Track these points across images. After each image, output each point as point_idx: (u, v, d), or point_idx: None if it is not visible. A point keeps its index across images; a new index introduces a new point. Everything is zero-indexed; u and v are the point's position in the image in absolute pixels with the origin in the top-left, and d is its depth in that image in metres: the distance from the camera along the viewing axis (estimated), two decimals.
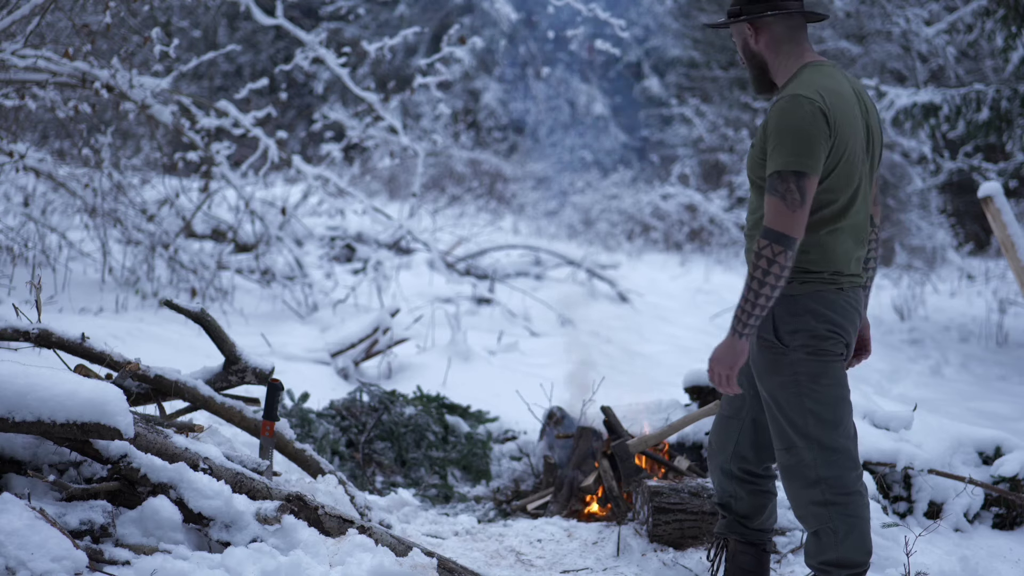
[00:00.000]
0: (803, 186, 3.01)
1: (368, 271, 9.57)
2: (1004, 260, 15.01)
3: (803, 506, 3.19)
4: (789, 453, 3.18)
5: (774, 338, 3.15)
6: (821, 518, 3.16)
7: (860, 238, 3.18)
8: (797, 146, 3.02)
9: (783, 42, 3.20)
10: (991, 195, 5.56)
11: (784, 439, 3.19)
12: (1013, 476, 4.33)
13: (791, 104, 3.05)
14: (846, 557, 3.16)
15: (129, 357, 3.93)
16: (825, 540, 3.17)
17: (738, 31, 3.26)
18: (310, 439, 4.94)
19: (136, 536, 3.18)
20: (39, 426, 3.09)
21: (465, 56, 10.83)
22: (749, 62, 3.26)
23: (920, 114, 10.64)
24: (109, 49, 7.89)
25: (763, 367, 3.19)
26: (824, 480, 3.14)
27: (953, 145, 16.99)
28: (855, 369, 9.19)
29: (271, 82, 14.24)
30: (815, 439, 3.14)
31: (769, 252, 3.02)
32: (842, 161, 3.09)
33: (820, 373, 3.14)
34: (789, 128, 3.03)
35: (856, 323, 3.19)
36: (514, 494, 5.07)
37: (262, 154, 8.78)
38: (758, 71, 3.26)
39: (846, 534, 3.15)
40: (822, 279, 3.13)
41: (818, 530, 3.18)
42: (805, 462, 3.15)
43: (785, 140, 3.03)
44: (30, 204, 8.52)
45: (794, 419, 3.16)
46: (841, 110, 3.08)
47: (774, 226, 3.02)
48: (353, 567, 3.23)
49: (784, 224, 3.00)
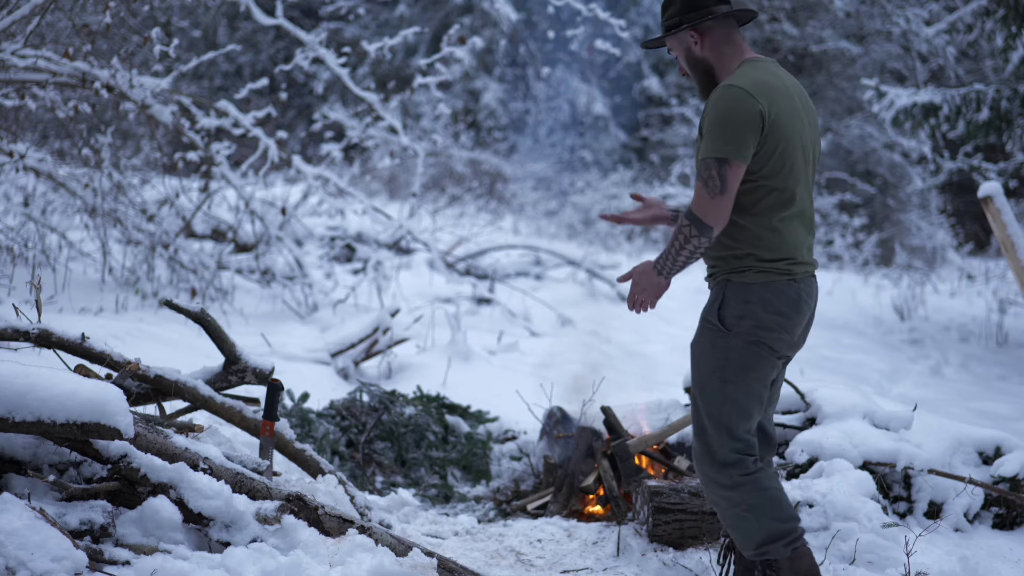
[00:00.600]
0: (724, 173, 3.10)
1: (368, 271, 9.57)
2: (1004, 260, 15.01)
3: (714, 492, 3.26)
4: (699, 440, 3.27)
5: (717, 320, 3.23)
6: (732, 501, 3.23)
7: (809, 226, 3.28)
8: (723, 133, 3.10)
9: (724, 43, 3.27)
10: (991, 195, 5.56)
11: (699, 424, 3.28)
12: (1013, 476, 4.33)
13: (721, 93, 3.13)
14: (773, 528, 3.21)
15: (129, 357, 3.93)
16: (748, 524, 3.22)
17: (679, 42, 3.30)
18: (310, 439, 4.94)
19: (136, 536, 3.18)
20: (39, 426, 3.09)
21: (465, 56, 10.82)
22: (695, 70, 3.31)
23: (920, 114, 10.64)
24: (109, 49, 7.88)
25: (700, 349, 3.27)
26: (728, 465, 3.22)
27: (953, 145, 16.98)
28: (855, 369, 9.18)
29: (271, 82, 14.25)
30: (726, 427, 3.22)
31: (687, 231, 3.14)
32: (781, 150, 3.15)
33: (751, 366, 3.22)
34: (718, 117, 3.12)
35: (806, 314, 3.27)
36: (514, 494, 5.07)
37: (262, 154, 8.78)
38: (705, 76, 3.30)
39: (762, 508, 3.22)
40: (777, 269, 3.21)
41: (733, 518, 3.24)
42: (713, 448, 3.23)
43: (713, 128, 3.12)
44: (30, 204, 8.52)
45: (711, 404, 3.23)
46: (777, 100, 3.15)
47: (695, 211, 3.13)
48: (353, 567, 3.23)
49: (703, 210, 3.11)
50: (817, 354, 9.47)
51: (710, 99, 3.16)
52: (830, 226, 17.97)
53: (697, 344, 3.29)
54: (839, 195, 18.40)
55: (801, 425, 4.51)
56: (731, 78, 3.17)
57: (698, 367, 3.27)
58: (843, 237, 17.72)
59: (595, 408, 4.89)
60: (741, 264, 3.24)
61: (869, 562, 3.78)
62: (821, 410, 4.48)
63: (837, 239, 17.58)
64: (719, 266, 3.28)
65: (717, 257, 3.28)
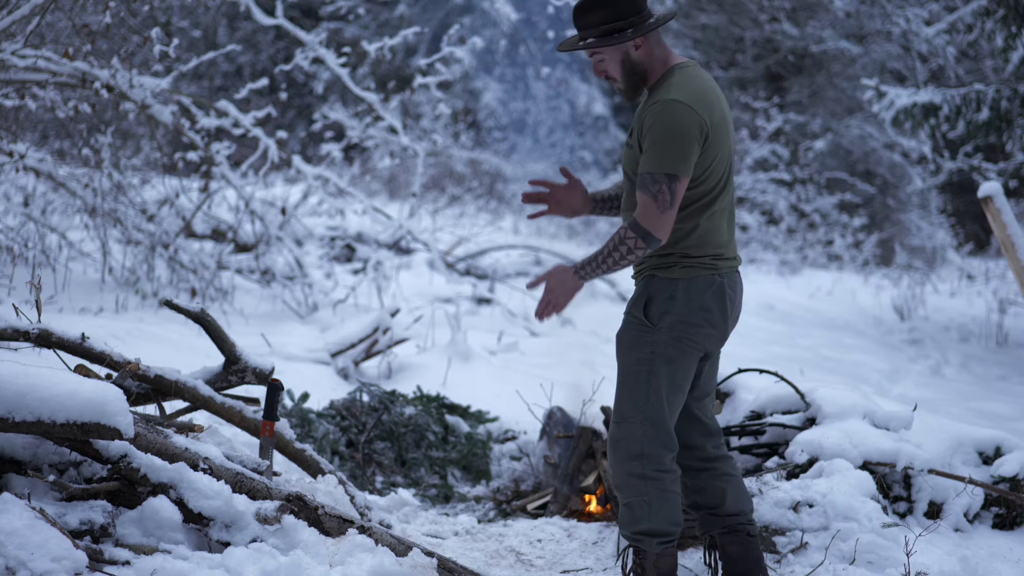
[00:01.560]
0: (674, 188, 3.22)
1: (368, 271, 9.56)
2: (1004, 260, 15.00)
3: (622, 476, 3.36)
4: (620, 426, 3.36)
5: (643, 316, 3.34)
6: (638, 490, 3.34)
7: (732, 221, 3.41)
8: (671, 150, 3.20)
9: (656, 47, 3.33)
10: (991, 195, 5.56)
11: (620, 412, 3.36)
12: (1013, 476, 4.33)
13: (668, 109, 3.21)
14: (658, 528, 3.36)
15: (129, 357, 3.93)
16: (639, 512, 3.35)
17: (617, 48, 3.31)
18: (310, 439, 4.94)
19: (136, 536, 3.18)
20: (39, 426, 3.09)
21: (465, 56, 10.83)
22: (629, 74, 3.33)
23: (920, 114, 10.64)
24: (109, 49, 7.88)
25: (625, 342, 3.37)
26: (647, 455, 3.32)
27: (953, 145, 16.99)
28: (855, 369, 9.18)
29: (271, 82, 14.24)
30: (649, 417, 3.32)
31: (631, 243, 3.24)
32: (716, 157, 3.29)
33: (676, 358, 3.33)
34: (665, 133, 3.21)
35: (732, 308, 3.38)
36: (514, 494, 5.07)
37: (262, 154, 8.78)
38: (638, 81, 3.35)
39: (659, 507, 3.35)
40: (703, 264, 3.33)
41: (631, 502, 3.36)
42: (634, 436, 3.33)
43: (660, 143, 3.21)
44: (30, 204, 8.51)
45: (637, 395, 3.33)
46: (713, 110, 3.28)
47: (643, 223, 3.23)
48: (353, 567, 3.23)
49: (652, 223, 3.22)
50: (817, 354, 9.47)
51: (655, 113, 3.23)
52: (830, 226, 17.96)
53: (623, 337, 3.38)
54: (839, 195, 18.40)
55: (801, 425, 4.51)
56: (673, 90, 3.24)
57: (624, 359, 3.37)
58: (843, 237, 17.72)
59: (595, 408, 4.89)
60: (667, 260, 3.35)
61: (869, 562, 3.79)
62: (821, 410, 4.47)
63: (837, 239, 17.57)
64: (645, 262, 3.39)
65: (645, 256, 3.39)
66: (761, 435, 4.58)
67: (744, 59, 19.92)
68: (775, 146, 18.28)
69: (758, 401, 4.66)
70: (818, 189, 18.54)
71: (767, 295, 12.50)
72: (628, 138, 3.39)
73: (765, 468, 4.34)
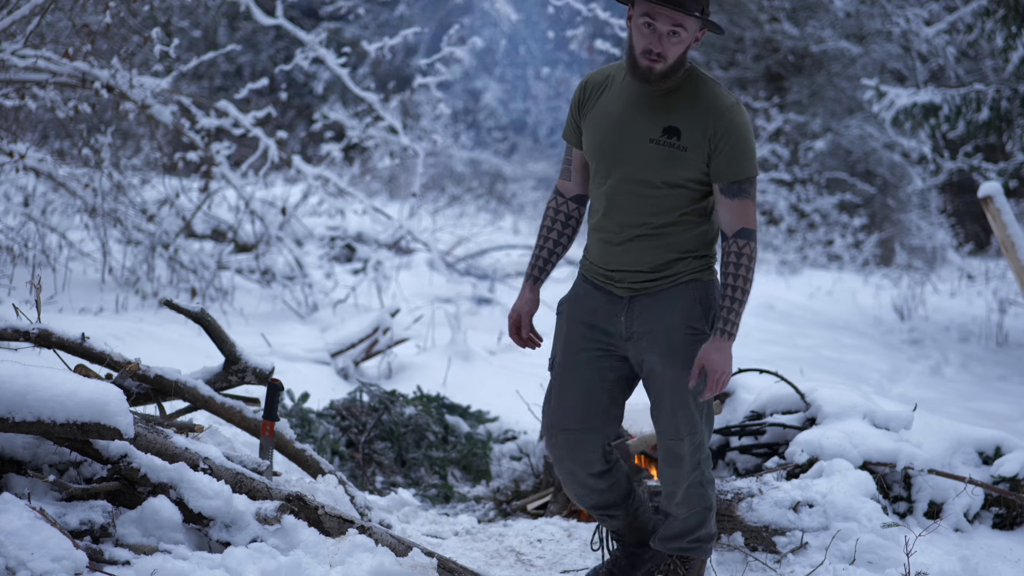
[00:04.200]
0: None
1: (368, 271, 9.56)
2: (1004, 260, 15.00)
3: (686, 491, 3.32)
4: (683, 442, 3.26)
5: (704, 326, 3.22)
6: (702, 498, 3.34)
7: None
8: (755, 152, 3.18)
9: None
10: (991, 195, 5.56)
11: (685, 427, 3.25)
12: (1013, 476, 4.33)
13: (742, 111, 3.14)
14: (711, 531, 3.41)
15: (129, 357, 3.93)
16: (699, 518, 3.36)
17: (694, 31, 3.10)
18: (310, 439, 4.94)
19: (136, 536, 3.18)
20: (39, 426, 3.09)
21: (465, 56, 10.82)
22: (681, 61, 3.11)
23: (920, 114, 10.64)
24: (109, 49, 7.88)
25: (684, 355, 3.19)
26: (703, 462, 3.32)
27: (953, 145, 16.98)
28: (855, 369, 9.17)
29: (271, 82, 14.22)
30: (707, 424, 3.30)
31: (751, 249, 3.13)
32: None
33: None
34: (749, 135, 3.13)
35: None
36: (514, 494, 5.07)
37: (262, 154, 8.78)
38: (673, 70, 3.11)
39: (714, 509, 3.41)
40: (713, 264, 3.31)
41: (692, 512, 3.35)
42: (695, 446, 3.27)
43: (748, 146, 3.12)
44: (30, 204, 8.51)
45: (700, 406, 3.25)
46: None
47: (755, 227, 3.16)
48: (353, 567, 3.23)
49: (757, 224, 3.31)
50: (817, 354, 9.47)
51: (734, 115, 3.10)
52: (830, 226, 17.96)
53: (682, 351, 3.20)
54: (839, 195, 18.40)
55: (801, 425, 4.51)
56: (726, 93, 3.14)
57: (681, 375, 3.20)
58: (843, 237, 17.72)
59: None
60: (704, 263, 3.27)
61: (869, 562, 3.79)
62: (821, 410, 4.47)
63: (837, 239, 17.57)
64: (681, 269, 3.23)
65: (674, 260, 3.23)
66: (761, 435, 4.58)
67: (744, 59, 19.91)
68: (775, 146, 18.28)
69: (758, 401, 4.67)
70: (818, 189, 18.54)
71: (767, 295, 12.49)
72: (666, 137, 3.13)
73: (765, 468, 4.34)
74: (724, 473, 4.65)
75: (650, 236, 3.21)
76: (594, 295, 3.32)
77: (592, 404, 3.33)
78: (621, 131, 3.18)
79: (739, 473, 4.59)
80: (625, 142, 3.17)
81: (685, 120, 3.12)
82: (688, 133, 3.12)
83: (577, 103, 3.29)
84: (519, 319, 3.40)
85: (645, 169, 3.16)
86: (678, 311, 3.21)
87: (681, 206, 3.18)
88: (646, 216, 3.19)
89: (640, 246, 3.22)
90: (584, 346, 3.32)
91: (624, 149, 3.18)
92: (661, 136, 3.13)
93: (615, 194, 3.21)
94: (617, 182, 3.20)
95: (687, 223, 3.21)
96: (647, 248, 3.22)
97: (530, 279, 3.42)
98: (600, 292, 3.31)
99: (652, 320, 3.23)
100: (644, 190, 3.17)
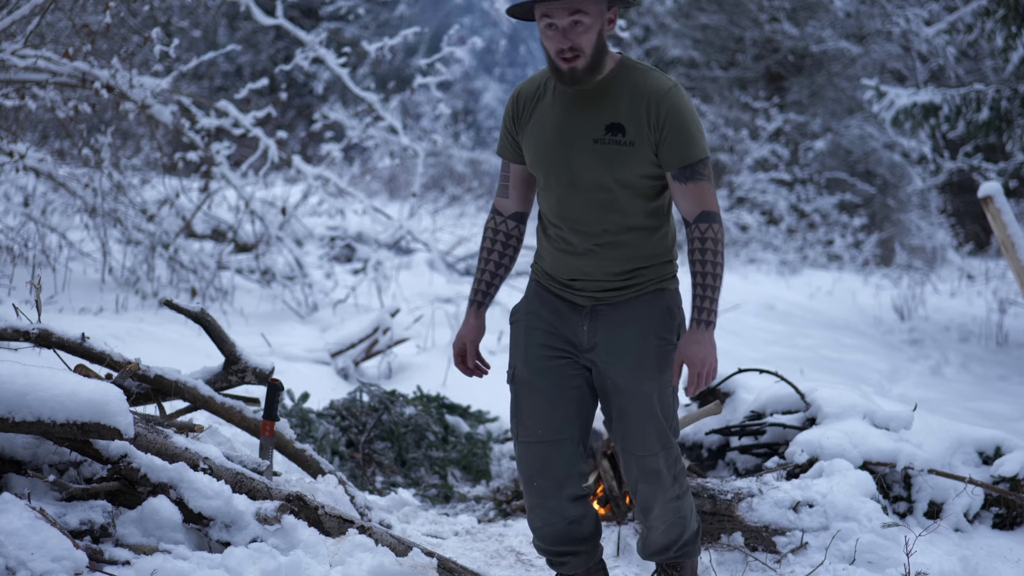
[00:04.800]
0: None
1: (368, 271, 9.56)
2: (1004, 260, 15.00)
3: (662, 505, 3.20)
4: (658, 457, 3.12)
5: (674, 335, 3.11)
6: (676, 511, 3.24)
7: None
8: (702, 133, 3.01)
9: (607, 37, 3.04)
10: (991, 195, 5.56)
11: (658, 442, 3.11)
12: (1013, 476, 4.33)
13: (682, 93, 3.00)
14: (695, 525, 3.33)
15: (129, 357, 3.93)
16: (677, 528, 3.27)
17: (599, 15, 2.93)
18: (310, 439, 4.94)
19: (136, 536, 3.18)
20: (39, 426, 3.09)
21: (465, 56, 10.83)
22: (597, 50, 2.94)
23: (920, 114, 10.64)
24: (109, 49, 7.88)
25: (654, 368, 3.07)
26: (680, 473, 3.22)
27: (953, 145, 16.99)
28: (855, 369, 9.16)
29: (271, 82, 14.24)
30: (673, 436, 3.17)
31: (719, 235, 2.99)
32: None
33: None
34: (693, 117, 2.99)
35: None
36: (514, 494, 5.07)
37: (262, 154, 8.78)
38: (600, 58, 2.96)
39: (690, 512, 3.29)
40: (676, 272, 3.19)
41: (671, 523, 3.25)
42: (670, 461, 3.15)
43: (694, 128, 2.98)
44: (30, 204, 8.51)
45: (670, 419, 3.13)
46: None
47: (716, 208, 3.01)
48: (353, 567, 3.23)
49: (717, 206, 3.02)
50: (817, 354, 9.47)
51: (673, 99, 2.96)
52: (830, 226, 17.97)
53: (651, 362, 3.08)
54: (839, 195, 18.40)
55: (801, 425, 4.51)
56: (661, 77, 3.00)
57: (650, 386, 3.07)
58: (843, 237, 17.73)
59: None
60: (670, 269, 3.14)
61: (869, 562, 3.79)
62: (821, 410, 4.48)
63: (837, 239, 17.58)
64: (647, 277, 3.10)
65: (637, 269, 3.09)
66: (761, 435, 4.59)
67: (744, 59, 19.92)
68: (775, 146, 18.28)
69: (758, 401, 4.67)
70: (818, 189, 18.54)
71: (767, 295, 12.50)
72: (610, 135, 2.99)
73: (765, 468, 4.34)
74: (724, 473, 4.65)
75: (611, 245, 3.06)
76: (552, 302, 3.17)
77: (563, 413, 3.16)
78: (563, 138, 3.03)
79: (739, 473, 4.59)
80: (569, 149, 3.03)
81: (626, 114, 2.98)
82: (631, 126, 2.98)
83: (511, 117, 3.14)
84: (463, 348, 3.26)
85: (595, 172, 3.01)
86: (645, 322, 3.08)
87: (638, 208, 3.04)
88: (604, 223, 3.05)
89: (602, 256, 3.07)
90: (546, 354, 3.16)
91: (570, 156, 3.03)
92: (605, 135, 2.99)
93: (568, 204, 3.06)
94: (567, 191, 3.05)
95: (646, 228, 3.07)
96: (609, 258, 3.07)
97: (473, 304, 3.27)
98: (559, 300, 3.16)
99: (617, 333, 3.08)
100: (597, 195, 3.03)
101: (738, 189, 18.01)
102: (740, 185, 17.98)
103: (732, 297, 11.98)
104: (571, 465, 3.19)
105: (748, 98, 18.95)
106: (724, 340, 9.54)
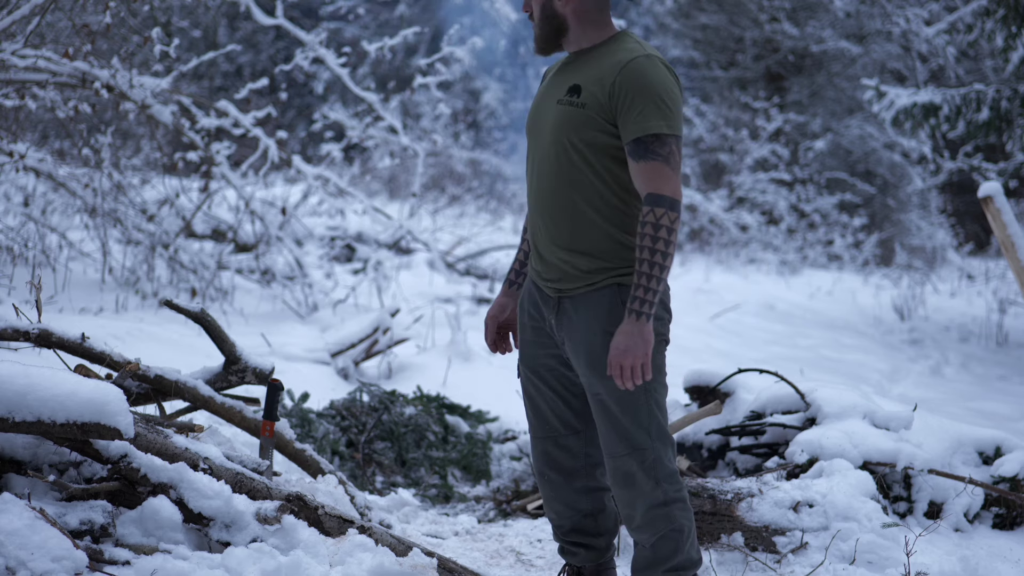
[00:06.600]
0: (679, 150, 2.84)
1: (368, 271, 9.56)
2: (1004, 260, 15.00)
3: (643, 513, 2.99)
4: (627, 459, 2.96)
5: None
6: (665, 519, 2.99)
7: None
8: (673, 109, 2.83)
9: (591, 11, 2.97)
10: (991, 195, 5.56)
11: (622, 444, 2.95)
12: (1013, 476, 4.33)
13: (654, 65, 2.85)
14: (690, 557, 3.05)
15: (129, 357, 3.93)
16: (670, 544, 3.01)
17: None
18: (310, 439, 4.94)
19: (136, 536, 3.18)
20: (39, 426, 3.09)
21: (465, 56, 10.82)
22: (546, 21, 2.96)
23: (920, 114, 10.65)
24: (109, 49, 7.88)
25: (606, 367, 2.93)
26: (664, 478, 2.97)
27: (953, 145, 17.00)
28: (855, 369, 9.17)
29: (271, 82, 14.24)
30: (657, 436, 2.96)
31: (667, 220, 2.79)
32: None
33: (662, 365, 3.01)
34: (664, 90, 2.83)
35: None
36: (514, 494, 5.07)
37: (262, 154, 8.78)
38: (551, 32, 2.98)
39: (689, 531, 3.03)
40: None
41: (660, 536, 3.01)
42: (647, 464, 2.95)
43: (662, 102, 2.81)
44: (30, 204, 8.51)
45: (640, 417, 2.95)
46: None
47: (668, 192, 2.80)
48: (353, 567, 3.23)
49: (675, 189, 2.80)
50: (817, 354, 9.47)
51: (638, 67, 2.83)
52: (830, 226, 17.98)
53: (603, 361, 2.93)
54: (839, 195, 18.41)
55: (801, 425, 4.51)
56: (643, 47, 2.90)
57: (610, 384, 2.92)
58: (843, 237, 17.73)
59: None
60: (623, 262, 2.95)
61: (869, 562, 3.79)
62: (821, 410, 4.48)
63: (837, 239, 17.58)
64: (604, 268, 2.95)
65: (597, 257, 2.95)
66: (761, 435, 4.59)
67: (744, 59, 19.92)
68: (775, 146, 18.29)
69: (758, 401, 4.67)
70: (818, 189, 18.55)
71: (767, 295, 12.50)
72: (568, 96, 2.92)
73: (765, 468, 4.34)
74: (724, 473, 4.65)
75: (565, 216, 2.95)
76: (533, 294, 3.14)
77: (559, 411, 3.13)
78: (541, 103, 3.05)
79: (739, 473, 4.59)
80: (541, 113, 3.02)
81: (587, 76, 2.92)
82: (588, 89, 2.90)
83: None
84: (488, 323, 3.31)
85: (555, 132, 2.94)
86: (598, 320, 2.95)
87: (597, 180, 2.91)
88: (563, 192, 2.95)
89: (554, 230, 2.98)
90: (536, 351, 3.14)
91: (540, 120, 3.02)
92: (565, 95, 2.94)
93: (539, 173, 3.01)
94: (538, 155, 3.01)
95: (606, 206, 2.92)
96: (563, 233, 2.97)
97: (506, 282, 3.30)
98: (538, 291, 3.12)
99: (574, 330, 2.99)
100: (556, 161, 2.94)
101: (738, 189, 18.01)
102: (740, 185, 17.99)
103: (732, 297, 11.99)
104: (576, 459, 3.16)
105: (748, 98, 18.95)
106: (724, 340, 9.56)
